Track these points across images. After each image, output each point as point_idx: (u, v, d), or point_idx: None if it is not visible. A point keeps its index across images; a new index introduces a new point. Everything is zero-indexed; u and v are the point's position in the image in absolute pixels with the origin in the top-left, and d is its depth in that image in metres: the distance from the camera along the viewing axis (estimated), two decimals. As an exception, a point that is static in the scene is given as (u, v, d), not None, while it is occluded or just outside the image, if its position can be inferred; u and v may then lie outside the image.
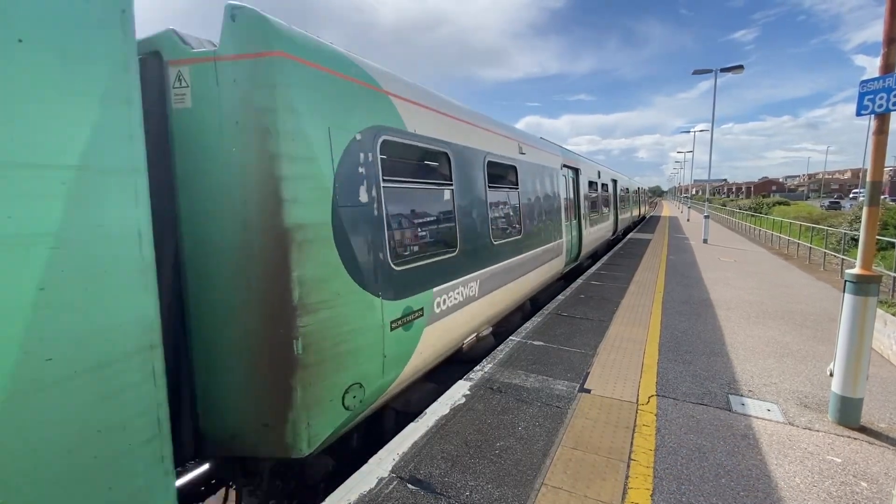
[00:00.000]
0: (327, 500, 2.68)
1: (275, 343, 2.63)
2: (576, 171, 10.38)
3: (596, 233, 12.56)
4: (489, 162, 5.50)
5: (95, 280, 1.84)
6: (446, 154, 4.46)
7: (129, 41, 1.97)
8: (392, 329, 3.41)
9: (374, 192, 3.27)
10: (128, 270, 1.97)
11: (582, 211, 10.57)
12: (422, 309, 3.83)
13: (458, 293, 4.50)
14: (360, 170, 3.14)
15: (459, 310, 4.53)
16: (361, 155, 3.15)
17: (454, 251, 4.47)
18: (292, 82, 2.64)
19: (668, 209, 56.80)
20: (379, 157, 3.33)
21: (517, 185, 6.40)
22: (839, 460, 3.10)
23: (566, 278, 10.05)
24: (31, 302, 1.64)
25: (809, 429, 3.51)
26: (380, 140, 3.37)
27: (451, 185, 4.54)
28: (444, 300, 4.21)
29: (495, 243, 5.46)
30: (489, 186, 5.42)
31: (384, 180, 3.39)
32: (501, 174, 6.04)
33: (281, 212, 2.57)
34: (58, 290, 1.71)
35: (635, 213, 26.91)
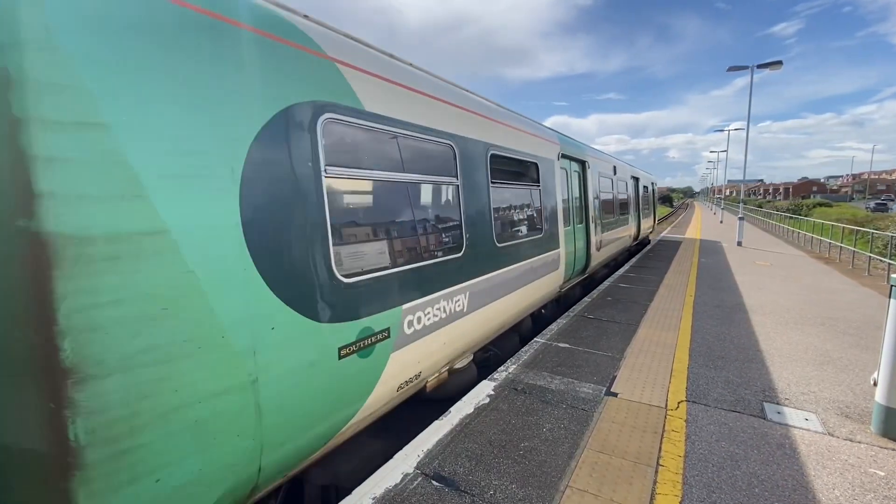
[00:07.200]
0: (354, 492, 2.75)
1: None
2: (582, 163, 8.82)
3: (612, 239, 10.90)
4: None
5: None
6: None
7: None
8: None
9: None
10: None
11: (591, 213, 9.02)
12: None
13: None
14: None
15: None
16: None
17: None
18: None
19: (699, 219, 37.15)
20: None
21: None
22: (882, 473, 2.95)
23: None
24: None
25: (850, 440, 3.36)
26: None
27: None
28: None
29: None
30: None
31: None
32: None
33: None
34: None
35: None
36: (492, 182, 4.89)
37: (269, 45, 2.40)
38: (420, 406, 4.12)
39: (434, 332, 3.74)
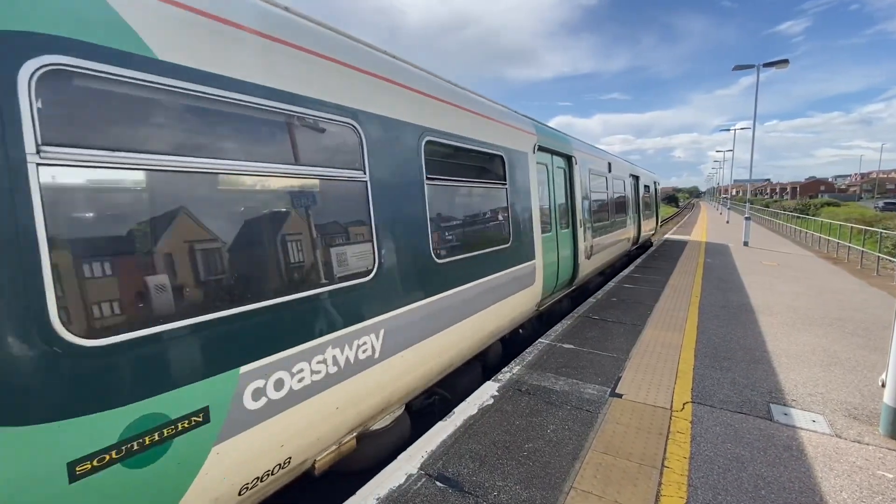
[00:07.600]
0: (358, 493, 2.75)
1: None
2: (567, 158, 7.65)
3: (606, 244, 9.88)
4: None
5: None
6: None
7: None
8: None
9: None
10: None
11: (579, 216, 7.89)
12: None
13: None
14: None
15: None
16: None
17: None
18: None
19: (704, 219, 35.53)
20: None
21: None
22: (891, 476, 2.92)
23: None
24: None
25: (858, 442, 3.33)
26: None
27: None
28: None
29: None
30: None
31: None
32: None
33: None
34: None
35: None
36: (428, 178, 3.75)
37: None
38: None
39: (315, 396, 2.60)
